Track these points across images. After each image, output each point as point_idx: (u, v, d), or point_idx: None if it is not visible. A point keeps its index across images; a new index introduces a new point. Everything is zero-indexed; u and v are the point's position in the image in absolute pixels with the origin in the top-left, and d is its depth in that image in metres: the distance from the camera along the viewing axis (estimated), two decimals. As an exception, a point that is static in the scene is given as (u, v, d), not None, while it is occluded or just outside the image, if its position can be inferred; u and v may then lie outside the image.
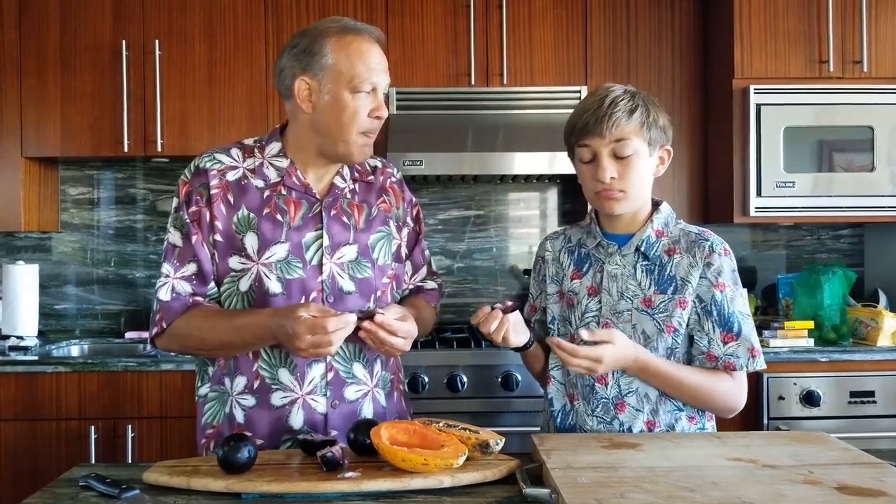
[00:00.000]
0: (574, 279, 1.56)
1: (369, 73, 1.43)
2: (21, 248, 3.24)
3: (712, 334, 1.49)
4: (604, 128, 1.45)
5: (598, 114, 1.46)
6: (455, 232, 3.30)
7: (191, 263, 1.47)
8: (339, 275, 1.48)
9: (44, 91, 2.90)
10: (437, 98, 2.94)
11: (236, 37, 2.93)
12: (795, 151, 2.83)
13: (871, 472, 1.18)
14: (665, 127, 1.51)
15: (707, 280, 1.49)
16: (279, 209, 1.48)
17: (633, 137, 1.46)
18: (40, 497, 1.21)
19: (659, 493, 1.08)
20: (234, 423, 1.48)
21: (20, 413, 2.56)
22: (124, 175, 3.27)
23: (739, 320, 1.49)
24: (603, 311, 1.52)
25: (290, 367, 1.46)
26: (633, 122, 1.46)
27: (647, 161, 1.49)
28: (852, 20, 2.86)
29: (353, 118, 1.44)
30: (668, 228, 1.54)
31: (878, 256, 3.28)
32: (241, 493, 1.19)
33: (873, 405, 2.61)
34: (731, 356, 1.48)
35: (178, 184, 1.51)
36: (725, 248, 1.52)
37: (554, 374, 1.59)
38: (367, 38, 1.46)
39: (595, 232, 1.56)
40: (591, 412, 1.52)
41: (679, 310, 1.48)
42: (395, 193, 1.61)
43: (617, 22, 3.01)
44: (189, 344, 1.48)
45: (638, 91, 1.52)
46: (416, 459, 1.21)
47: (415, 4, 2.96)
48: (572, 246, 1.60)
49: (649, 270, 1.51)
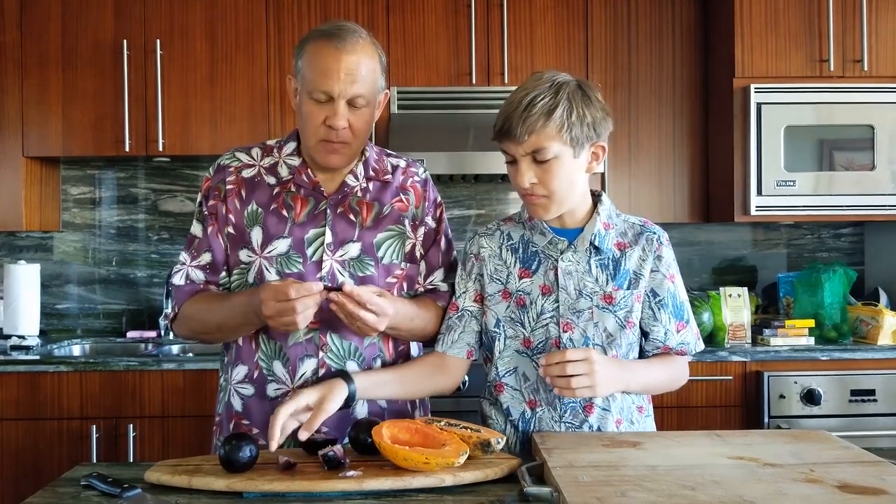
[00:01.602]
0: (523, 278, 1.49)
1: (323, 82, 1.40)
2: (22, 248, 3.24)
3: (668, 325, 1.50)
4: (518, 134, 1.37)
5: (514, 118, 1.38)
6: (456, 231, 3.29)
7: (206, 253, 1.53)
8: (339, 272, 1.49)
9: (45, 90, 2.90)
10: (437, 97, 2.94)
11: (237, 36, 2.93)
12: (796, 150, 2.83)
13: (872, 470, 1.18)
14: (595, 122, 1.40)
15: (660, 273, 1.49)
16: (286, 205, 1.50)
17: (551, 143, 1.37)
18: (42, 496, 1.21)
19: (660, 492, 1.08)
20: (231, 411, 1.52)
21: (22, 412, 2.57)
22: (126, 174, 3.27)
23: (686, 307, 1.54)
24: (561, 310, 1.46)
25: (283, 359, 1.48)
26: (552, 126, 1.37)
27: (571, 163, 1.40)
28: (853, 19, 2.86)
29: (307, 124, 1.45)
30: (612, 220, 1.51)
31: (878, 255, 3.28)
32: (242, 493, 1.20)
33: (874, 404, 2.61)
34: (684, 343, 1.52)
35: (202, 181, 1.58)
36: (667, 238, 1.54)
37: (506, 380, 1.50)
38: (336, 45, 1.41)
39: (543, 228, 1.48)
40: (559, 418, 1.47)
41: (637, 304, 1.49)
42: (416, 193, 1.59)
43: (617, 21, 3.01)
44: (195, 326, 1.52)
45: (566, 82, 1.41)
46: (418, 458, 1.21)
47: (415, 3, 2.96)
48: (514, 243, 1.52)
49: (604, 266, 1.48)
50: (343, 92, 1.41)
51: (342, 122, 1.42)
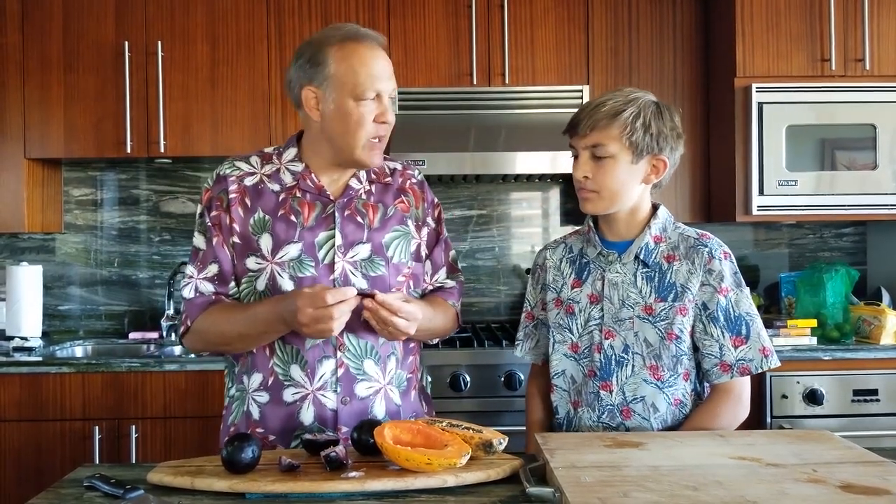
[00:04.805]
0: (574, 287, 1.57)
1: (371, 81, 1.45)
2: (25, 250, 3.24)
3: (722, 340, 1.48)
4: (582, 128, 1.48)
5: (582, 114, 1.49)
6: (457, 232, 3.31)
7: (213, 265, 1.52)
8: (351, 273, 1.50)
9: (47, 92, 2.90)
10: (438, 98, 2.94)
11: (238, 38, 2.93)
12: (797, 150, 2.83)
13: (875, 470, 1.18)
14: (660, 135, 1.47)
15: (710, 287, 1.48)
16: (293, 210, 1.51)
17: (610, 142, 1.46)
18: (45, 497, 1.21)
19: (662, 492, 1.08)
20: (250, 419, 1.51)
21: (24, 414, 2.57)
22: (127, 176, 3.27)
23: (747, 321, 1.48)
24: (605, 318, 1.52)
25: (301, 363, 1.48)
26: (614, 127, 1.45)
27: (627, 167, 1.48)
28: (854, 18, 2.86)
29: (358, 125, 1.46)
30: (666, 233, 1.54)
31: (880, 254, 3.28)
32: (244, 493, 1.20)
33: (876, 403, 2.60)
34: (744, 360, 1.48)
35: (202, 191, 1.57)
36: (725, 252, 1.51)
37: (556, 381, 1.59)
38: (368, 45, 1.47)
39: (594, 241, 1.56)
40: (597, 419, 1.52)
41: (680, 317, 1.48)
42: (414, 194, 1.62)
43: (618, 21, 3.01)
44: (212, 339, 1.51)
45: (642, 96, 1.49)
46: (420, 459, 1.21)
47: (416, 5, 2.96)
48: (573, 255, 1.60)
49: (649, 278, 1.51)
50: (388, 88, 1.48)
51: (393, 117, 1.49)
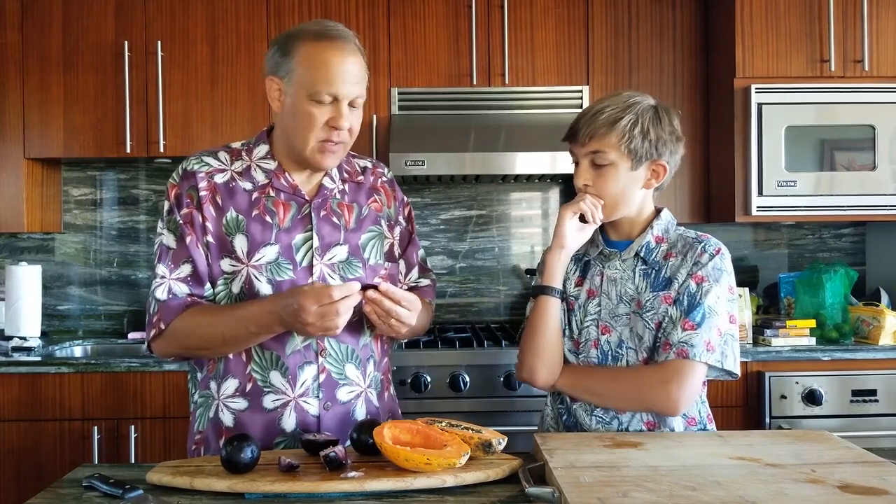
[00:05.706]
0: (578, 285, 1.58)
1: (330, 83, 1.39)
2: (24, 249, 3.24)
3: (677, 321, 1.45)
4: (581, 136, 1.48)
5: (581, 121, 1.49)
6: (457, 232, 3.31)
7: (185, 264, 1.45)
8: (329, 275, 1.47)
9: (46, 92, 2.90)
10: (438, 98, 2.94)
11: (238, 38, 2.93)
12: (797, 150, 2.83)
13: (874, 470, 1.18)
14: (658, 141, 1.47)
15: (689, 274, 1.48)
16: (268, 211, 1.47)
17: (609, 149, 1.46)
18: (44, 497, 1.21)
19: (661, 493, 1.08)
20: (221, 427, 1.47)
21: (23, 414, 2.57)
22: (127, 176, 3.27)
23: (705, 312, 1.44)
24: (602, 314, 1.53)
25: (282, 369, 1.45)
26: (613, 135, 1.45)
27: (627, 174, 1.48)
28: (853, 19, 2.86)
29: (309, 126, 1.41)
30: (667, 234, 1.54)
31: (879, 255, 3.28)
32: (244, 494, 1.20)
33: (875, 404, 2.60)
34: (686, 344, 1.42)
35: (167, 187, 1.50)
36: (718, 249, 1.49)
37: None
38: (339, 46, 1.41)
39: (597, 240, 1.57)
40: (591, 412, 1.52)
41: (665, 305, 1.47)
42: (385, 193, 1.60)
43: (618, 22, 3.01)
44: (191, 343, 1.44)
45: (641, 101, 1.48)
46: (419, 459, 1.21)
47: (416, 5, 2.96)
48: (578, 254, 1.60)
49: (646, 274, 1.51)
50: (349, 94, 1.41)
51: (347, 124, 1.42)
